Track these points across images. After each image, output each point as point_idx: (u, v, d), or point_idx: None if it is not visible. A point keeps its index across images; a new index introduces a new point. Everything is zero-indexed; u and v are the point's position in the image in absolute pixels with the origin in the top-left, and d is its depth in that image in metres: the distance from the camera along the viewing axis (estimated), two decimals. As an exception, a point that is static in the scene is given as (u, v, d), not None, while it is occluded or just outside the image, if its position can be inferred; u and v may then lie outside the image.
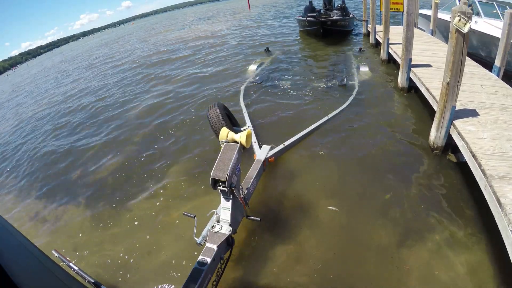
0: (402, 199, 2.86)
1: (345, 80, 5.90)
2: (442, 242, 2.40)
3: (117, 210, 3.44)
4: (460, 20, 2.43)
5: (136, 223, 3.17)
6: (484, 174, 2.37)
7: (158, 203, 3.37)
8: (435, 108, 3.35)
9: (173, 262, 2.58)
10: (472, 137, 2.80)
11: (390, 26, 6.48)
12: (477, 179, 2.48)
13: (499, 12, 5.77)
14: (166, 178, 3.81)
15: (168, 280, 2.44)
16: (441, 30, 7.52)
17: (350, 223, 2.70)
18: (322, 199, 3.00)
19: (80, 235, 3.22)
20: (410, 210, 2.73)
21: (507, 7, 5.27)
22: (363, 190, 3.06)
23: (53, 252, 2.40)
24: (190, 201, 3.30)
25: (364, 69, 6.53)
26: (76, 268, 2.19)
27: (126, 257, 2.75)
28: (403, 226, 2.59)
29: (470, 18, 2.45)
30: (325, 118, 4.44)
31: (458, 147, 2.97)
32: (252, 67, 7.92)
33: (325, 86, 5.90)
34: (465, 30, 2.43)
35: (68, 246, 3.08)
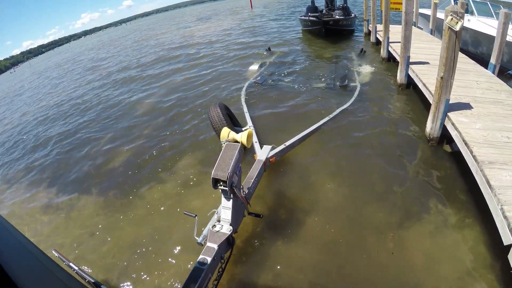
0: (401, 186, 3.05)
1: (346, 81, 5.96)
2: (438, 223, 2.59)
3: (132, 200, 3.60)
4: (452, 19, 2.64)
5: (152, 211, 3.32)
6: (476, 160, 2.58)
7: (172, 193, 3.54)
8: (431, 102, 3.56)
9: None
10: (465, 127, 3.01)
11: (390, 26, 6.66)
12: (469, 164, 2.69)
13: (492, 10, 5.95)
14: (179, 171, 3.96)
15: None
16: (440, 29, 7.68)
17: (351, 213, 2.82)
18: (323, 198, 3.07)
19: (100, 226, 3.33)
20: (408, 195, 2.93)
21: (501, 6, 5.48)
22: (363, 182, 3.19)
23: (53, 252, 2.45)
24: (202, 192, 3.42)
25: (366, 69, 6.61)
26: (76, 268, 2.21)
27: (145, 239, 2.93)
28: (402, 209, 2.78)
29: (461, 17, 2.66)
30: (327, 118, 4.45)
31: (452, 138, 3.18)
32: (254, 67, 7.93)
33: (326, 86, 5.94)
34: (457, 28, 2.64)
35: (84, 234, 3.23)
